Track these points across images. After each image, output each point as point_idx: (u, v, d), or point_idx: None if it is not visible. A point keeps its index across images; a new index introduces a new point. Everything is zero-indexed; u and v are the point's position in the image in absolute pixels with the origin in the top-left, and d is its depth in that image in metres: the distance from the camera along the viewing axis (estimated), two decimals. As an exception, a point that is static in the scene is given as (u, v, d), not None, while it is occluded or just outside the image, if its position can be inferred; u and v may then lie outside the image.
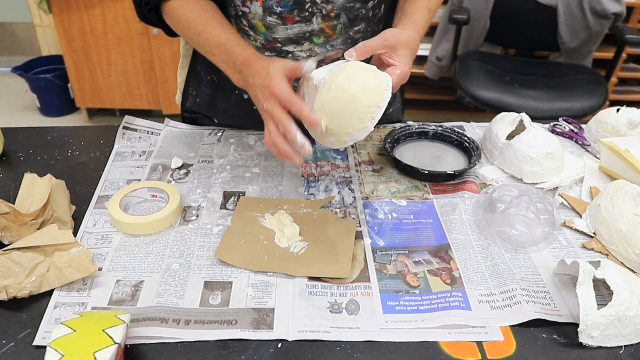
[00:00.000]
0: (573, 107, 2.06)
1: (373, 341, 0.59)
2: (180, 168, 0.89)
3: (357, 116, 0.64)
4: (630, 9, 2.42)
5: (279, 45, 0.86)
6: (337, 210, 0.79)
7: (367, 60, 0.70)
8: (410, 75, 0.72)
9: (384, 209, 0.80)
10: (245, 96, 0.97)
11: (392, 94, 0.66)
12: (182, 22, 0.78)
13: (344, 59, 0.69)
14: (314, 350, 0.58)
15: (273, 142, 0.66)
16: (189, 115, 1.05)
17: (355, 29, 0.86)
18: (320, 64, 0.86)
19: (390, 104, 1.06)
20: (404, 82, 0.71)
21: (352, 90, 0.63)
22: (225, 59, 0.74)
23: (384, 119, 1.05)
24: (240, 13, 0.83)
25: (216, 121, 1.02)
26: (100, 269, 0.68)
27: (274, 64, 0.67)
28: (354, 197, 0.83)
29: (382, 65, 0.71)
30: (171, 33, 0.86)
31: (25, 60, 2.77)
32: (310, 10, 0.81)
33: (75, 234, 0.73)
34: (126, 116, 0.98)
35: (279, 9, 0.80)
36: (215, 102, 1.01)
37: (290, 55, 0.86)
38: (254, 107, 0.99)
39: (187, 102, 1.04)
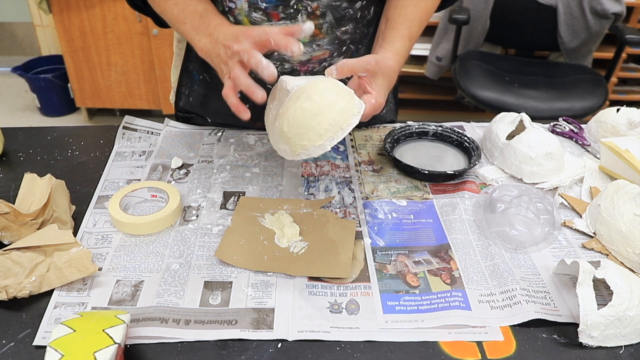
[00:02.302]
0: (573, 107, 2.06)
1: (373, 341, 0.59)
2: (180, 168, 0.89)
3: (317, 131, 0.62)
4: (630, 9, 2.42)
5: None
6: (337, 210, 0.79)
7: (345, 81, 0.69)
8: (410, 75, 0.72)
9: (384, 209, 0.80)
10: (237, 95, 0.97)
11: (359, 122, 0.64)
12: None
13: (329, 60, 0.68)
14: (314, 350, 0.58)
15: (235, 78, 0.65)
16: (183, 115, 1.05)
17: (343, 29, 0.85)
18: (306, 64, 0.86)
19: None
20: (375, 114, 0.69)
21: (321, 104, 0.62)
22: (197, 25, 0.74)
23: (378, 120, 1.06)
24: (226, 9, 0.83)
25: (209, 120, 1.02)
26: (100, 269, 0.68)
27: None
28: (354, 197, 0.83)
29: (357, 89, 0.70)
30: (160, 23, 0.87)
31: (25, 60, 2.78)
32: (295, 7, 0.80)
33: (75, 234, 0.73)
34: (126, 116, 0.98)
35: (264, 4, 0.80)
36: (208, 101, 1.01)
37: (275, 53, 0.86)
38: (247, 106, 0.98)
39: (180, 101, 1.04)
